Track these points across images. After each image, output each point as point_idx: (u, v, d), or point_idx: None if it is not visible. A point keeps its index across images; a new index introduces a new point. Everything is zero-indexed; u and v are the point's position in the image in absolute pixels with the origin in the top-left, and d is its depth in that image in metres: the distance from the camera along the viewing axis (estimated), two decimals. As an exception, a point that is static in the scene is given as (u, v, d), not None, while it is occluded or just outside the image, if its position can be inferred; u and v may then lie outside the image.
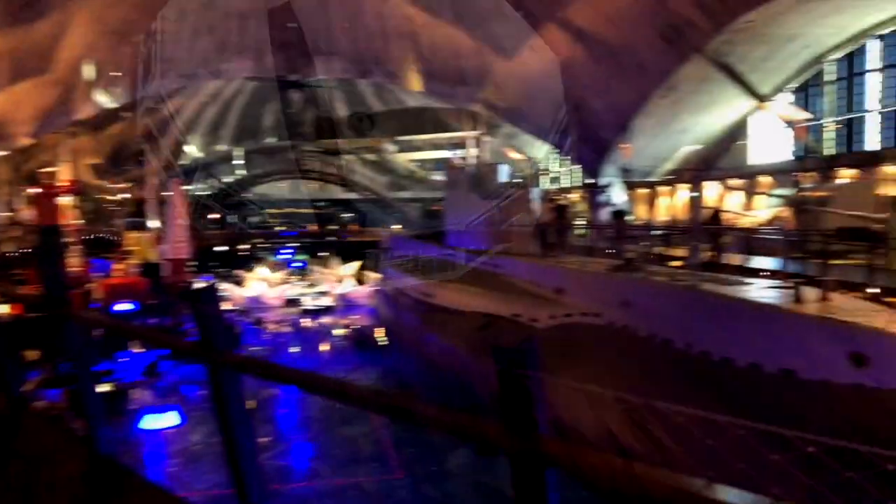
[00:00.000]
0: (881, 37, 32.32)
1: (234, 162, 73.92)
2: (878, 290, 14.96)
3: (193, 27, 45.63)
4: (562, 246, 20.40)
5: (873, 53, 32.93)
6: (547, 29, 40.31)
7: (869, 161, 31.83)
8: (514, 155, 47.23)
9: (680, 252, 24.38)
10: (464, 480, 16.90)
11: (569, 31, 39.62)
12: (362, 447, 18.80)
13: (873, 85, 32.97)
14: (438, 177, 72.93)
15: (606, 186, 44.18)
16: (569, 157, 51.93)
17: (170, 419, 19.58)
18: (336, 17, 48.36)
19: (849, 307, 9.16)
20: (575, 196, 50.78)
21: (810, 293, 9.58)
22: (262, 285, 43.25)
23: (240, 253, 55.60)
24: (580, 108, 24.89)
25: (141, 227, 41.65)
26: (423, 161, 78.57)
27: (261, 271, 46.59)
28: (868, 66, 33.05)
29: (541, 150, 64.85)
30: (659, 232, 25.90)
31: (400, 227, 59.04)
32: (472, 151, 27.61)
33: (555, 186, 59.00)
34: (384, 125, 70.57)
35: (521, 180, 27.87)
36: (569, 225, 19.72)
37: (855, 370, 8.05)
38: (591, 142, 43.24)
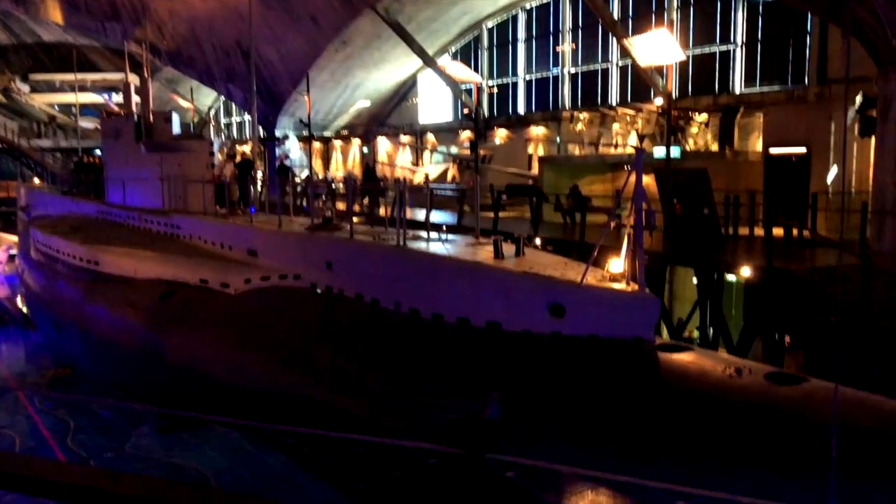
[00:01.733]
0: (528, 10, 36.10)
1: None
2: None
3: None
4: (246, 203, 19.20)
5: (522, 24, 36.69)
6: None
7: (520, 123, 35.74)
8: (182, 103, 43.43)
9: (357, 208, 24.76)
10: (151, 463, 15.20)
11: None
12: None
13: (521, 53, 36.85)
14: (87, 124, 64.35)
15: (283, 139, 43.14)
16: (242, 108, 49.53)
17: None
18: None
19: (542, 261, 9.89)
20: (247, 149, 48.85)
21: (508, 248, 10.16)
22: None
23: None
24: (252, 57, 23.59)
25: None
26: (67, 105, 68.72)
27: None
28: (520, 36, 36.77)
29: (208, 99, 60.87)
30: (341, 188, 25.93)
31: (39, 181, 50.93)
32: (133, 97, 24.42)
33: (226, 140, 56.00)
34: (13, 61, 59.89)
35: (198, 132, 25.57)
36: (254, 181, 18.56)
37: (554, 321, 8.70)
38: (265, 93, 41.57)
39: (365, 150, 47.93)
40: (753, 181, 21.04)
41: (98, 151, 56.85)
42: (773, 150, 20.10)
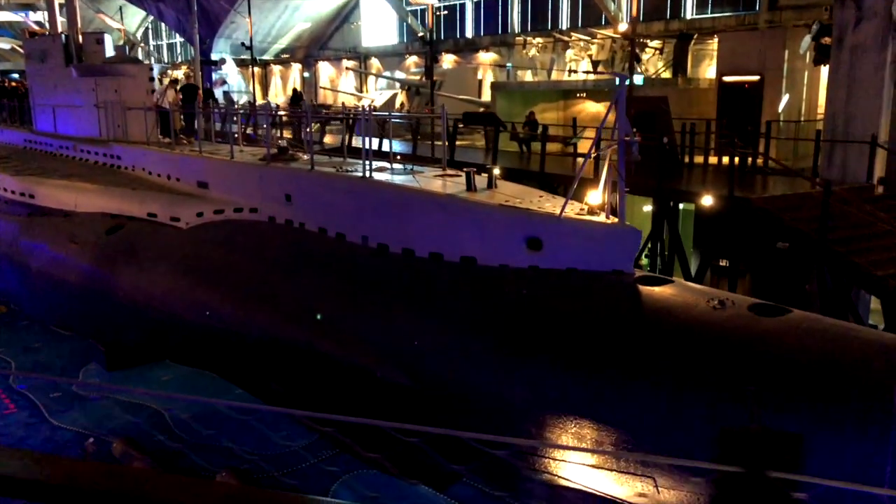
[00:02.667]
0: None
1: None
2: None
3: None
4: (191, 132, 18.25)
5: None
6: None
7: (468, 48, 34.86)
8: (110, 23, 40.69)
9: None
10: (102, 403, 14.78)
11: None
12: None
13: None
14: (3, 45, 60.09)
15: (220, 63, 41.13)
16: (174, 30, 46.76)
17: None
18: None
19: (516, 193, 9.68)
20: (180, 74, 46.50)
21: (480, 181, 9.89)
22: None
23: None
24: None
25: None
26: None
27: None
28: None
29: (134, 20, 57.28)
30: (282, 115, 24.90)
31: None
32: (56, 15, 22.67)
33: (155, 63, 53.01)
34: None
35: (134, 55, 23.93)
36: (200, 108, 17.55)
37: (531, 254, 8.58)
38: (200, 14, 39.25)
39: (306, 74, 46.25)
40: (706, 109, 21.12)
41: (15, 75, 53.28)
42: (727, 78, 20.13)
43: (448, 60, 35.93)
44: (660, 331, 7.14)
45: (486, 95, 32.06)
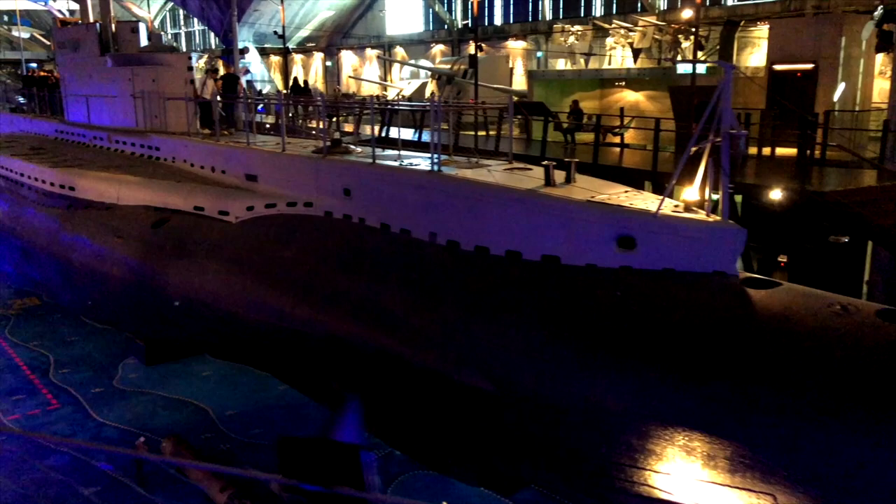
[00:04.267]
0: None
1: None
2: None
3: None
4: (231, 123, 17.85)
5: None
6: None
7: (497, 36, 34.24)
8: (137, 12, 40.32)
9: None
10: (144, 398, 14.52)
11: None
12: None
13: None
14: (22, 33, 59.78)
15: (244, 52, 40.68)
16: (197, 18, 46.28)
17: None
18: None
19: (599, 189, 9.22)
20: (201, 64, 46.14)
21: (559, 175, 9.43)
22: None
23: None
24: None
25: None
26: (-4, 13, 63.77)
27: None
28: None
29: (152, 8, 56.88)
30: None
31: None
32: (88, 4, 22.29)
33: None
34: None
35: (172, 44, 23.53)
36: (239, 98, 17.14)
37: (623, 253, 8.12)
38: (223, 1, 38.84)
39: (328, 63, 45.75)
40: (752, 98, 20.52)
41: (33, 64, 53.11)
42: (778, 67, 19.51)
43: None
44: (781, 338, 6.67)
45: (517, 84, 31.51)
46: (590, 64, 27.29)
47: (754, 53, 23.27)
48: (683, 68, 19.65)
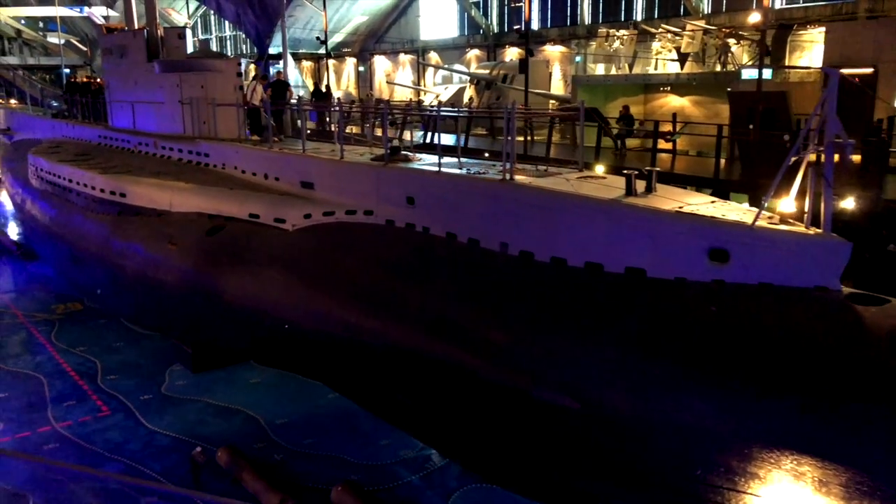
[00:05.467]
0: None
1: None
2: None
3: None
4: (281, 130, 17.76)
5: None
6: None
7: (533, 40, 33.93)
8: (177, 18, 40.60)
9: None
10: (194, 406, 14.37)
11: None
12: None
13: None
14: (55, 39, 60.54)
15: (278, 57, 40.74)
16: (232, 24, 46.50)
17: None
18: None
19: (682, 198, 8.92)
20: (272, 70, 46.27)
21: (639, 184, 9.14)
22: None
23: None
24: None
25: None
26: (30, 19, 64.56)
27: None
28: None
29: (180, 14, 57.30)
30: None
31: (15, 102, 48.03)
32: (133, 11, 22.40)
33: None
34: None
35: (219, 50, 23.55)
36: (289, 104, 17.04)
37: (715, 267, 7.82)
38: (257, 6, 38.91)
39: (361, 69, 45.73)
40: (803, 103, 20.03)
41: (66, 70, 53.72)
42: (835, 71, 18.97)
43: (512, 53, 35.08)
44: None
45: (554, 88, 31.22)
46: (633, 69, 26.94)
47: (803, 57, 22.79)
48: (749, 73, 19.22)
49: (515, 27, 32.71)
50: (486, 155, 16.32)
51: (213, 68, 17.97)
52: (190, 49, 22.17)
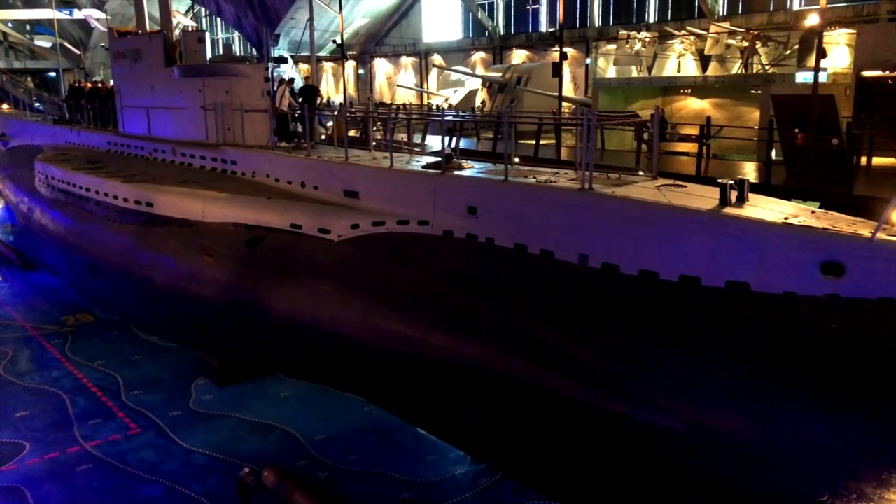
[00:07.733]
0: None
1: None
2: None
3: None
4: (311, 136, 17.23)
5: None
6: None
7: (541, 42, 33.58)
8: (183, 21, 39.86)
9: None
10: (225, 422, 13.86)
11: None
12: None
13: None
14: (44, 42, 59.51)
15: (282, 60, 40.17)
16: (232, 26, 45.78)
17: None
18: None
19: (781, 209, 8.58)
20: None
21: (732, 194, 8.78)
22: None
23: None
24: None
25: None
26: (17, 22, 63.34)
27: None
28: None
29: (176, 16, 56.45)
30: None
31: (7, 107, 46.99)
32: (145, 15, 21.80)
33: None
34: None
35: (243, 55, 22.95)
36: (320, 110, 16.51)
37: (828, 281, 7.47)
38: (258, 9, 38.37)
39: (361, 71, 45.19)
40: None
41: (52, 73, 52.67)
42: (867, 73, 18.84)
43: (519, 56, 34.71)
44: None
45: (565, 91, 30.87)
46: (652, 71, 26.68)
47: (827, 58, 22.59)
48: (803, 76, 19.02)
49: (551, 29, 32.30)
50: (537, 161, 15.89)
51: (239, 73, 17.42)
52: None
